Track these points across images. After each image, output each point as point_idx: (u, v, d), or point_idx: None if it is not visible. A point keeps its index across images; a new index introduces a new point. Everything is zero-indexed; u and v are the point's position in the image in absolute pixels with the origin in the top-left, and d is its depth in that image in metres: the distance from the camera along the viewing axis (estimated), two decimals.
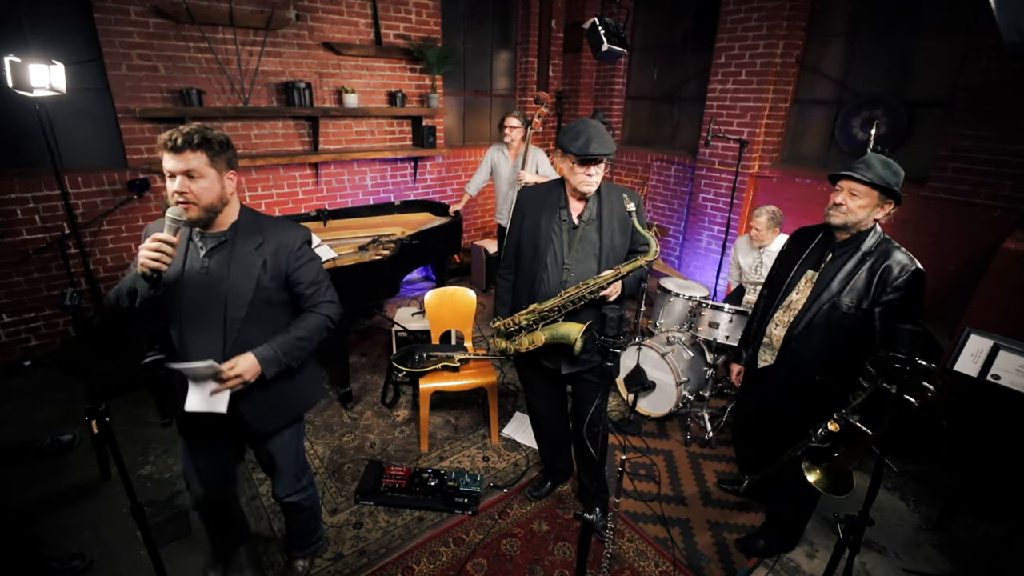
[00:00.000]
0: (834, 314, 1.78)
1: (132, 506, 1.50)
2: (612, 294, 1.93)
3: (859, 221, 1.74)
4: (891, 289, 1.69)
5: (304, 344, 1.61)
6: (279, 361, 1.55)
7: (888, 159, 1.71)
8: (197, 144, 1.37)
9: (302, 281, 1.62)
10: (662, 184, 5.09)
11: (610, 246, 1.97)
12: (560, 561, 2.22)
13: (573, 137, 1.85)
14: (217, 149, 1.42)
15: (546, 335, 1.97)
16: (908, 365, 1.37)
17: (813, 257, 1.89)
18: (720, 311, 2.95)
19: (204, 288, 1.51)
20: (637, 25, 5.27)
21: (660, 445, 3.01)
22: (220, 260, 1.52)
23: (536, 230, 2.02)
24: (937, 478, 2.74)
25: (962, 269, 3.22)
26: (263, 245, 1.55)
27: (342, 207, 4.54)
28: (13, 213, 3.37)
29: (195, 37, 3.73)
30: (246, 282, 1.52)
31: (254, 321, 1.55)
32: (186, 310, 1.52)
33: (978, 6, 2.84)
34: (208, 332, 1.53)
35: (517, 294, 2.14)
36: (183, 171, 1.37)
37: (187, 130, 1.37)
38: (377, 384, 3.49)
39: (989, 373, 2.04)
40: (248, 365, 1.48)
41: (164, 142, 1.36)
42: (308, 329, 1.62)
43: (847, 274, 1.76)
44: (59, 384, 3.38)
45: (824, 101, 4.03)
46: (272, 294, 1.58)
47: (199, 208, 1.42)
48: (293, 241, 1.59)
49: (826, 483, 1.76)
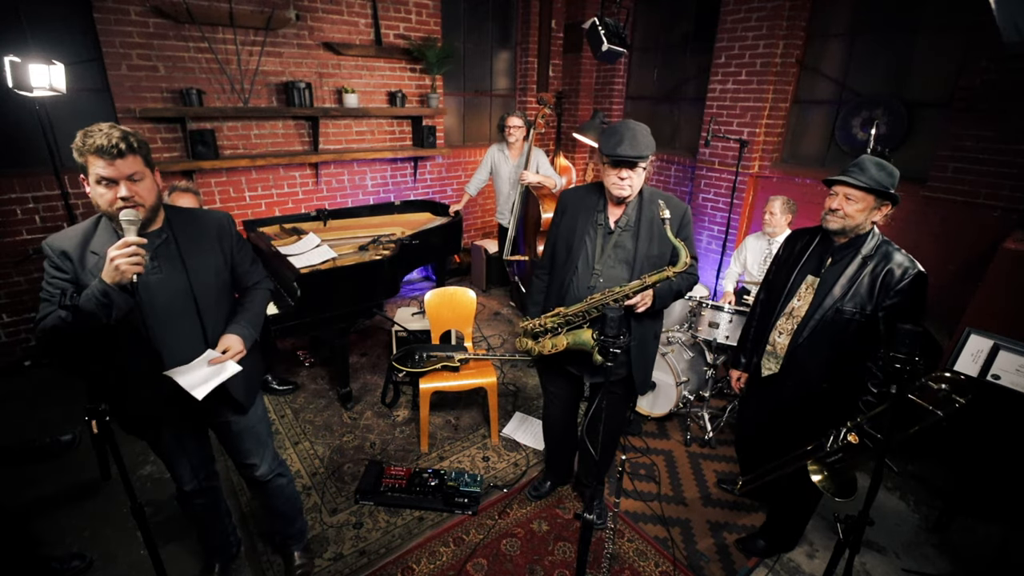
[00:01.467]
0: (839, 320, 1.76)
1: (132, 506, 1.50)
2: (640, 304, 1.84)
3: (857, 225, 1.72)
4: (894, 293, 1.67)
5: (260, 320, 1.73)
6: (252, 336, 1.65)
7: (882, 160, 1.69)
8: (135, 148, 1.36)
9: (244, 261, 1.71)
10: (662, 184, 5.09)
11: (645, 255, 1.88)
12: (560, 561, 2.22)
13: (608, 137, 1.79)
14: (147, 149, 1.43)
15: (568, 340, 1.91)
16: (908, 365, 1.37)
17: (812, 262, 1.87)
18: (720, 311, 2.95)
19: (164, 288, 1.50)
20: (637, 25, 5.27)
21: (660, 445, 3.01)
22: (169, 257, 1.51)
23: (572, 231, 1.97)
24: (937, 478, 2.75)
25: (962, 269, 3.22)
26: (203, 234, 1.59)
27: (342, 207, 4.54)
28: (13, 213, 3.38)
29: (195, 37, 3.73)
30: (207, 273, 1.57)
31: (220, 304, 1.63)
32: (155, 314, 1.48)
33: (978, 6, 2.84)
34: (183, 329, 1.54)
35: (548, 295, 2.10)
36: (126, 176, 1.35)
37: (118, 134, 1.33)
38: (377, 384, 3.49)
39: (989, 373, 2.04)
40: (234, 342, 1.58)
41: (97, 148, 1.30)
42: (260, 304, 1.75)
43: (849, 279, 1.74)
44: (59, 384, 3.38)
45: (824, 101, 4.02)
46: (225, 276, 1.65)
47: (146, 209, 1.41)
48: (227, 225, 1.66)
49: (830, 486, 1.73)
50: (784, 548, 2.28)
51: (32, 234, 3.46)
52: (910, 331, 1.39)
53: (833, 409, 1.83)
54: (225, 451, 1.85)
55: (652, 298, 1.86)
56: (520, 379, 3.60)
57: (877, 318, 1.70)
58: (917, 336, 1.38)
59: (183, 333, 1.54)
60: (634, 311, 1.87)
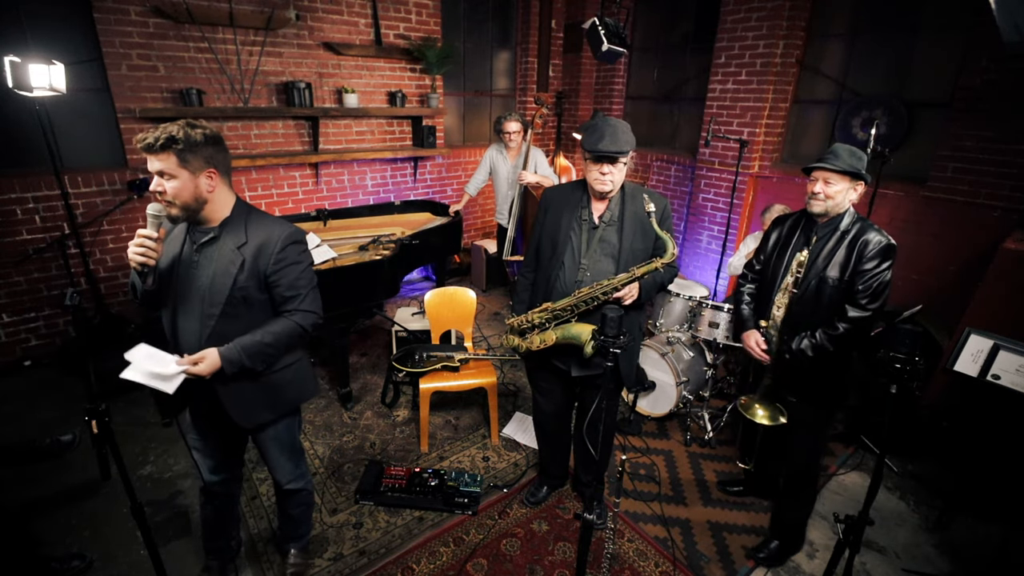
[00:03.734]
0: (822, 288, 1.92)
1: (132, 506, 1.50)
2: (627, 297, 1.91)
3: (837, 205, 1.89)
4: (866, 259, 1.84)
5: (269, 351, 1.61)
6: (241, 363, 1.55)
7: (852, 147, 1.88)
8: (162, 146, 1.40)
9: (280, 284, 1.61)
10: (662, 184, 5.09)
11: (630, 249, 1.95)
12: (560, 561, 2.22)
13: (589, 133, 1.85)
14: (188, 149, 1.43)
15: (557, 335, 1.95)
16: (908, 365, 1.37)
17: (800, 240, 2.02)
18: (720, 311, 2.95)
19: (191, 280, 1.57)
20: (637, 25, 5.27)
21: (660, 445, 3.01)
22: (207, 255, 1.57)
23: (556, 228, 2.01)
24: (937, 478, 2.75)
25: (962, 269, 3.22)
26: (246, 245, 1.56)
27: (342, 207, 4.54)
28: (13, 213, 3.38)
29: (195, 37, 3.73)
30: (223, 280, 1.55)
31: (231, 317, 1.57)
32: (177, 297, 1.59)
33: (978, 6, 2.84)
34: (192, 320, 1.59)
35: (535, 292, 2.14)
36: (157, 171, 1.44)
37: (158, 131, 1.41)
38: (377, 384, 3.49)
39: (989, 373, 2.05)
40: (208, 364, 1.51)
41: (136, 143, 1.42)
42: (276, 335, 1.60)
43: (830, 251, 1.92)
44: (59, 384, 3.38)
45: (824, 101, 4.03)
46: (250, 293, 1.58)
47: (177, 206, 1.47)
48: (275, 242, 1.57)
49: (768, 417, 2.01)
50: (794, 550, 2.28)
51: (32, 234, 3.46)
52: (910, 331, 1.40)
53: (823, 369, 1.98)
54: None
55: (639, 290, 1.93)
56: (520, 379, 3.60)
57: (853, 283, 1.87)
58: (917, 336, 1.39)
59: (190, 328, 1.59)
60: (620, 304, 1.92)
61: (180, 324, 1.60)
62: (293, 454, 1.91)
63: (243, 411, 1.69)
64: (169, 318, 1.61)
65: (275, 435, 1.83)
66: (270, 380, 1.70)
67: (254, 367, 1.59)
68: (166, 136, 1.40)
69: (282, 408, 1.79)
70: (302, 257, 1.65)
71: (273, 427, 1.80)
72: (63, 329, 3.73)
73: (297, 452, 1.94)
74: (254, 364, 1.58)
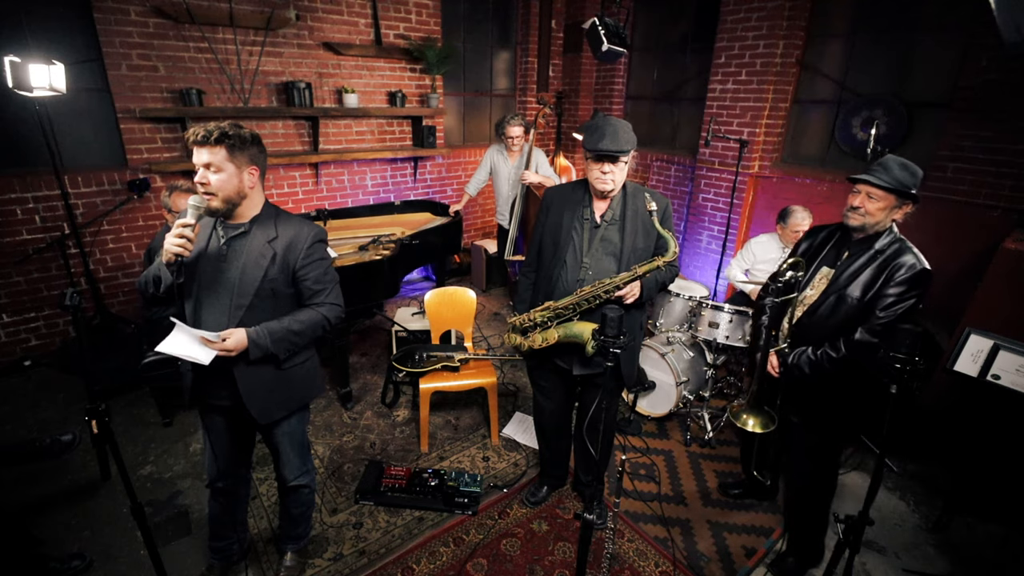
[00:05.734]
0: (841, 306, 1.81)
1: (132, 506, 1.50)
2: (629, 296, 1.91)
3: (877, 223, 1.74)
4: (894, 283, 1.70)
5: (295, 338, 1.67)
6: (266, 347, 1.60)
7: (906, 161, 1.71)
8: (216, 140, 1.48)
9: (308, 278, 1.69)
10: (662, 184, 5.09)
11: (631, 247, 1.95)
12: (560, 561, 2.22)
13: (590, 132, 1.85)
14: (238, 145, 1.52)
15: (559, 333, 1.96)
16: (908, 365, 1.37)
17: (830, 255, 1.90)
18: (720, 311, 2.95)
19: (219, 272, 1.61)
20: (637, 25, 5.27)
21: (660, 445, 3.01)
22: (236, 248, 1.62)
23: (558, 227, 2.02)
24: (937, 478, 2.75)
25: (962, 269, 3.22)
26: (276, 239, 1.63)
27: (342, 207, 4.54)
28: (13, 213, 3.38)
29: (195, 37, 3.73)
30: (254, 272, 1.61)
31: (258, 309, 1.63)
32: (202, 289, 1.62)
33: (978, 6, 2.84)
34: (217, 312, 1.62)
35: (536, 291, 2.14)
36: (205, 163, 1.50)
37: (211, 126, 1.49)
38: (377, 384, 3.49)
39: (989, 373, 2.05)
40: (236, 341, 1.55)
41: (188, 136, 1.50)
42: (303, 323, 1.68)
43: (857, 269, 1.79)
44: (59, 384, 3.38)
45: (824, 101, 4.02)
46: (278, 286, 1.65)
47: (219, 199, 1.53)
48: (305, 238, 1.66)
49: (759, 424, 1.92)
50: (813, 563, 2.19)
51: (32, 234, 3.45)
52: (910, 331, 1.39)
53: (827, 393, 1.90)
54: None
55: (640, 289, 1.93)
56: (520, 379, 3.60)
57: (873, 305, 1.74)
58: (917, 336, 1.39)
59: (214, 320, 1.62)
60: (622, 303, 1.92)
61: (204, 316, 1.63)
62: (303, 450, 1.95)
63: (261, 407, 1.73)
64: (192, 311, 1.64)
65: (289, 430, 1.86)
66: (286, 375, 1.74)
67: (277, 353, 1.64)
68: (220, 131, 1.49)
69: (295, 403, 1.84)
70: (327, 254, 1.77)
71: (287, 422, 1.84)
72: (63, 329, 3.73)
73: (305, 448, 1.98)
74: (277, 350, 1.64)
